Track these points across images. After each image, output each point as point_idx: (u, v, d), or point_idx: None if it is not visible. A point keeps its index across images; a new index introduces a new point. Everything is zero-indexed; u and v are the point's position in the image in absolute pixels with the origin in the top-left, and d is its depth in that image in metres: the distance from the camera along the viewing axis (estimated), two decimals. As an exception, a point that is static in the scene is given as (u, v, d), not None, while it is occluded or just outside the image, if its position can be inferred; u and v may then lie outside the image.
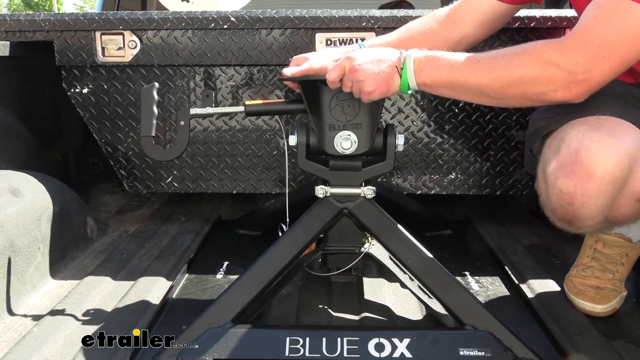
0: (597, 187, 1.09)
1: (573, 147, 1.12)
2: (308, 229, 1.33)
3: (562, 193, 1.13)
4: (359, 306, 1.46)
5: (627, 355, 1.22)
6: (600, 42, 1.05)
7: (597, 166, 1.08)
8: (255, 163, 1.98)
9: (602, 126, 1.13)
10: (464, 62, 1.16)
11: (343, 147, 1.27)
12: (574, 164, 1.11)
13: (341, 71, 1.20)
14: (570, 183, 1.11)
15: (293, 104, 1.37)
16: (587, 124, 1.15)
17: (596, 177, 1.09)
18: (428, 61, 1.18)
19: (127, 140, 1.96)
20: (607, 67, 1.07)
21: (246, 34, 1.81)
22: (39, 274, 1.58)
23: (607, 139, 1.10)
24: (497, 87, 1.13)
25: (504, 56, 1.13)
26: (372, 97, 1.21)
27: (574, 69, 1.07)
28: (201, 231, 2.04)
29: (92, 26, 1.80)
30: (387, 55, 1.20)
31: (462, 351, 1.18)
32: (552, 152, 1.18)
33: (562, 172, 1.13)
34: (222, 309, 1.24)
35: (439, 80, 1.17)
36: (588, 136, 1.12)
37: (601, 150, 1.09)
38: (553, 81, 1.09)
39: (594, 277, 1.43)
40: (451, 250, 1.83)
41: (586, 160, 1.09)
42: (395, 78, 1.19)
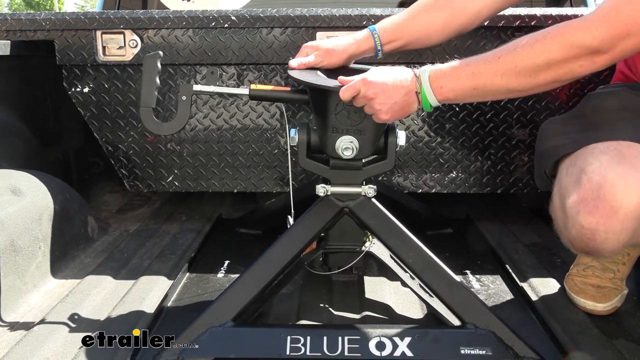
0: (620, 224, 1.06)
1: (595, 182, 1.08)
2: (309, 228, 1.33)
3: (583, 229, 1.10)
4: (360, 305, 1.46)
5: (628, 353, 1.22)
6: (627, 21, 1.03)
7: (622, 203, 1.05)
8: (256, 162, 1.98)
9: (625, 157, 1.09)
10: (484, 64, 1.13)
11: (344, 153, 1.25)
12: (596, 199, 1.07)
13: (355, 93, 1.16)
14: (592, 220, 1.08)
15: (297, 94, 1.34)
16: (609, 153, 1.11)
17: (620, 214, 1.05)
18: (446, 76, 1.14)
19: (128, 140, 1.96)
20: (631, 44, 1.04)
21: (247, 33, 1.81)
22: (39, 273, 1.58)
23: (632, 173, 1.06)
24: (525, 79, 1.10)
25: (524, 46, 1.10)
26: (386, 122, 1.20)
27: (598, 46, 1.05)
28: (202, 230, 2.04)
29: (93, 25, 1.80)
30: (403, 79, 1.16)
31: (463, 350, 1.18)
32: (572, 183, 1.14)
33: (584, 207, 1.09)
34: (223, 308, 1.24)
35: (464, 92, 1.14)
36: (611, 169, 1.08)
37: (626, 187, 1.05)
38: (578, 57, 1.06)
39: (594, 276, 1.43)
40: (452, 248, 1.83)
41: (610, 196, 1.06)
42: (412, 103, 1.17)
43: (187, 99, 1.32)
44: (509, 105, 1.88)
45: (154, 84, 1.31)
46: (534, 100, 1.87)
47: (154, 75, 1.31)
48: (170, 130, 1.38)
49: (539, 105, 1.87)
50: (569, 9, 1.77)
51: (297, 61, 1.30)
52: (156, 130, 1.37)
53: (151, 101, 1.31)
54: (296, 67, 1.29)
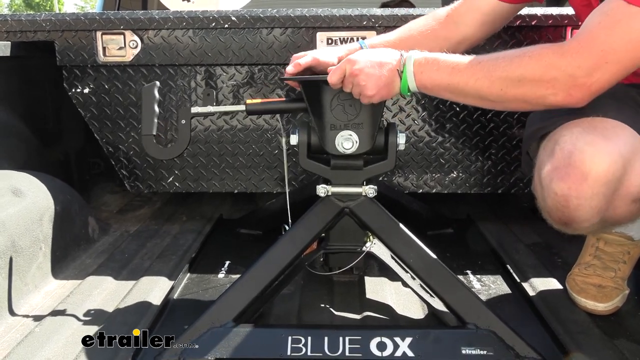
0: (591, 189, 1.09)
1: (567, 150, 1.12)
2: (309, 228, 1.33)
3: (556, 196, 1.13)
4: (361, 305, 1.46)
5: (629, 353, 1.22)
6: (603, 48, 1.05)
7: (591, 168, 1.08)
8: (256, 162, 1.98)
9: (596, 128, 1.13)
10: (465, 64, 1.15)
11: (344, 147, 1.26)
12: (567, 166, 1.11)
13: (342, 74, 1.20)
14: (564, 186, 1.11)
15: (294, 103, 1.36)
16: (581, 126, 1.15)
17: (590, 180, 1.09)
18: (428, 63, 1.17)
19: (128, 140, 1.96)
20: (608, 73, 1.06)
21: (247, 33, 1.81)
22: (40, 273, 1.58)
23: (601, 141, 1.10)
24: (496, 90, 1.13)
25: (504, 58, 1.13)
26: (372, 100, 1.21)
27: (574, 73, 1.06)
28: (202, 231, 2.04)
29: (93, 26, 1.80)
30: (388, 58, 1.19)
31: (464, 350, 1.18)
32: (547, 155, 1.18)
33: (556, 175, 1.13)
34: (223, 309, 1.24)
35: (439, 83, 1.17)
36: (582, 138, 1.11)
37: (594, 153, 1.09)
38: (553, 84, 1.08)
39: (596, 276, 1.43)
40: (453, 249, 1.83)
41: (580, 162, 1.09)
42: (396, 81, 1.19)
43: (187, 122, 1.34)
44: (509, 105, 1.88)
45: (153, 113, 1.34)
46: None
47: (153, 105, 1.34)
48: (172, 154, 1.40)
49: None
50: (569, 9, 1.77)
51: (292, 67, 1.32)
52: (158, 155, 1.40)
53: (152, 129, 1.33)
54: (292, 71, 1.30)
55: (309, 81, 1.28)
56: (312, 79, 1.27)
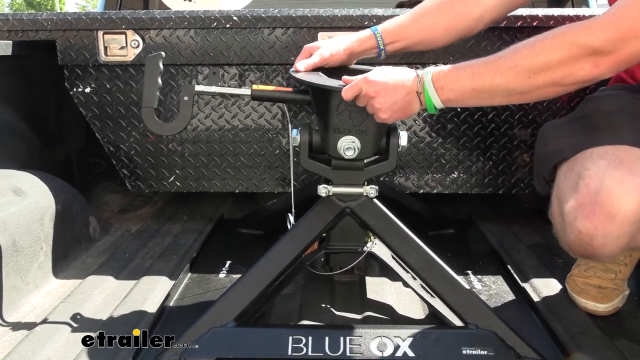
0: (618, 229, 1.06)
1: (593, 187, 1.08)
2: (310, 228, 1.33)
3: (581, 234, 1.10)
4: (362, 305, 1.46)
5: (629, 354, 1.22)
6: (633, 23, 1.02)
7: (619, 208, 1.05)
8: (257, 162, 1.98)
9: (622, 162, 1.09)
10: (485, 65, 1.12)
11: (346, 153, 1.25)
12: (594, 204, 1.07)
13: (357, 92, 1.17)
14: (590, 225, 1.08)
15: (299, 95, 1.34)
16: (607, 158, 1.11)
17: (618, 220, 1.05)
18: (446, 76, 1.14)
19: (129, 140, 1.97)
20: (636, 48, 1.03)
21: (248, 33, 1.81)
22: (41, 273, 1.58)
23: (629, 178, 1.06)
24: (524, 80, 1.09)
25: (524, 46, 1.10)
26: (387, 122, 1.19)
27: (601, 46, 1.03)
28: (204, 230, 2.04)
29: (94, 25, 1.80)
30: (405, 80, 1.16)
31: (465, 350, 1.18)
32: (570, 188, 1.14)
33: (581, 212, 1.09)
34: (224, 308, 1.24)
35: (464, 92, 1.14)
36: (609, 175, 1.07)
37: (623, 192, 1.05)
38: (579, 59, 1.05)
39: (596, 277, 1.43)
40: (454, 249, 1.83)
41: (607, 202, 1.06)
42: (414, 104, 1.17)
43: (189, 100, 1.32)
44: (510, 106, 1.88)
45: (155, 85, 1.31)
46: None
47: (155, 76, 1.31)
48: (172, 130, 1.38)
49: (540, 106, 1.87)
50: (571, 10, 1.77)
51: (303, 64, 1.29)
52: (158, 130, 1.37)
53: (153, 101, 1.31)
54: (303, 70, 1.29)
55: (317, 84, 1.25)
56: (326, 88, 1.22)
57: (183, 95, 1.32)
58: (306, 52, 1.35)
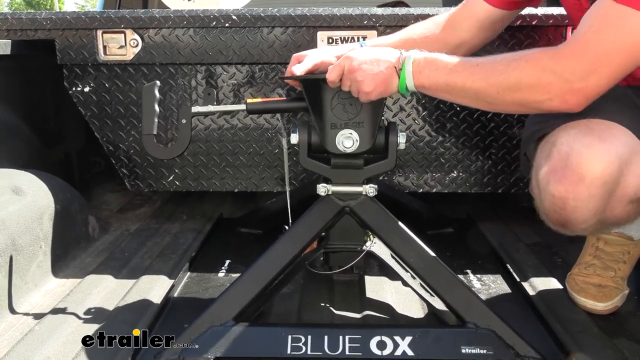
0: (587, 191, 1.10)
1: (564, 152, 1.12)
2: (310, 227, 1.33)
3: (554, 198, 1.14)
4: (361, 304, 1.46)
5: (629, 352, 1.22)
6: (596, 52, 1.04)
7: (588, 170, 1.09)
8: (256, 161, 1.98)
9: (593, 130, 1.13)
10: (462, 65, 1.16)
11: (345, 145, 1.26)
12: (564, 168, 1.11)
13: (340, 71, 1.20)
14: (561, 188, 1.12)
15: (295, 102, 1.37)
16: (578, 127, 1.15)
17: (587, 181, 1.09)
18: (427, 63, 1.17)
19: (128, 139, 1.96)
20: (603, 76, 1.06)
21: (248, 32, 1.81)
22: (40, 272, 1.58)
23: (597, 142, 1.10)
24: (493, 93, 1.13)
25: (501, 61, 1.13)
26: (370, 97, 1.21)
27: (569, 78, 1.06)
28: (203, 230, 2.04)
29: (93, 24, 1.80)
30: (387, 56, 1.20)
31: (464, 349, 1.18)
32: (544, 157, 1.18)
33: (553, 177, 1.13)
34: (224, 307, 1.24)
35: (437, 83, 1.17)
36: (578, 140, 1.12)
37: (591, 155, 1.09)
38: (549, 90, 1.08)
39: (595, 275, 1.43)
40: (453, 248, 1.83)
41: (576, 165, 1.10)
42: (394, 79, 1.19)
43: (187, 122, 1.34)
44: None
45: (154, 112, 1.33)
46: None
47: (153, 104, 1.34)
48: (173, 154, 1.40)
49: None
50: (570, 9, 1.77)
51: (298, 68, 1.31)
52: (159, 155, 1.40)
53: (152, 128, 1.33)
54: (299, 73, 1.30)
55: (309, 80, 1.28)
56: (311, 78, 1.27)
57: (181, 118, 1.34)
58: (295, 60, 1.38)
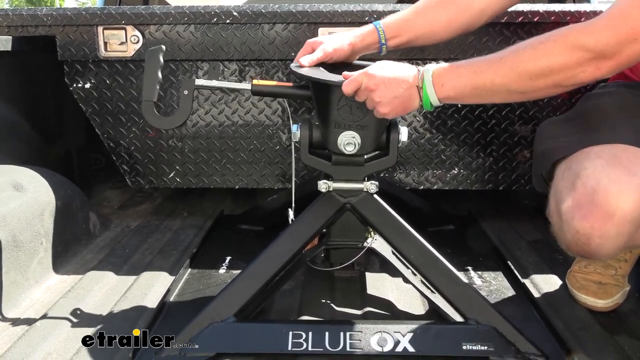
0: (616, 229, 1.05)
1: (590, 186, 1.07)
2: (311, 224, 1.33)
3: (578, 234, 1.09)
4: (362, 301, 1.46)
5: (629, 349, 1.22)
6: (634, 25, 1.01)
7: (616, 208, 1.04)
8: (257, 158, 1.97)
9: (620, 161, 1.08)
10: (486, 64, 1.12)
11: (346, 148, 1.25)
12: (591, 204, 1.06)
13: (357, 86, 1.16)
14: (587, 225, 1.07)
15: (300, 90, 1.33)
16: (604, 157, 1.10)
17: (615, 220, 1.04)
18: (447, 73, 1.14)
19: (129, 135, 1.96)
20: (636, 50, 1.03)
21: (249, 29, 1.80)
22: (41, 268, 1.58)
23: (626, 177, 1.05)
24: (525, 82, 1.09)
25: (526, 48, 1.09)
26: (386, 117, 1.18)
27: (603, 50, 1.03)
28: (203, 226, 2.04)
29: (94, 21, 1.80)
30: (405, 74, 1.15)
31: (465, 346, 1.18)
32: (567, 188, 1.13)
33: (578, 212, 1.08)
34: (224, 304, 1.24)
35: (463, 90, 1.13)
36: (605, 174, 1.06)
37: (620, 192, 1.04)
38: (581, 63, 1.05)
39: (596, 273, 1.43)
40: (454, 245, 1.83)
41: (604, 201, 1.05)
42: (414, 99, 1.16)
43: (189, 94, 1.32)
44: (511, 102, 1.87)
45: (155, 78, 1.31)
46: (536, 96, 1.86)
47: (155, 69, 1.31)
48: (172, 124, 1.38)
49: (541, 102, 1.87)
50: (572, 5, 1.77)
51: (307, 59, 1.29)
52: (157, 124, 1.37)
53: (153, 95, 1.31)
54: (307, 65, 1.29)
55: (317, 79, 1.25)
56: (326, 82, 1.22)
57: (183, 89, 1.32)
58: (308, 47, 1.35)
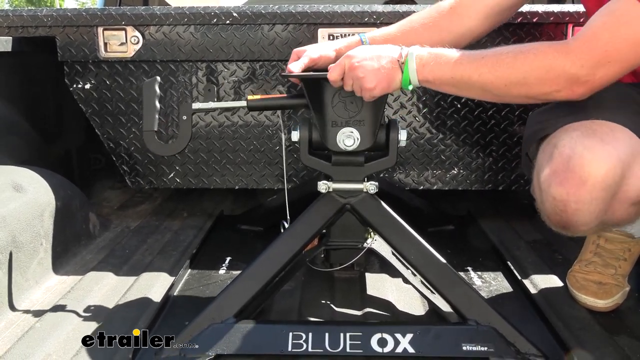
0: (589, 194, 1.09)
1: (565, 155, 1.11)
2: (311, 224, 1.33)
3: (555, 200, 1.13)
4: (362, 301, 1.46)
5: (629, 349, 1.22)
6: (607, 48, 1.06)
7: (589, 173, 1.08)
8: (257, 158, 1.98)
9: (595, 132, 1.12)
10: (468, 59, 1.15)
11: (346, 144, 1.26)
12: (566, 171, 1.10)
13: (342, 70, 1.19)
14: (563, 191, 1.11)
15: (295, 99, 1.36)
16: (580, 129, 1.14)
17: (588, 185, 1.08)
18: (431, 57, 1.17)
19: (129, 136, 1.96)
20: (611, 72, 1.07)
21: (248, 30, 1.81)
22: (41, 269, 1.58)
23: (599, 145, 1.09)
24: (500, 86, 1.13)
25: (508, 54, 1.13)
26: (373, 94, 1.20)
27: (577, 72, 1.07)
28: (203, 227, 2.04)
29: (94, 21, 1.80)
30: (388, 52, 1.19)
31: (465, 346, 1.18)
32: (546, 159, 1.17)
33: (554, 179, 1.12)
34: (224, 305, 1.24)
35: (442, 77, 1.17)
36: (580, 143, 1.11)
37: (593, 158, 1.08)
38: (557, 82, 1.09)
39: (596, 273, 1.43)
40: (454, 245, 1.83)
41: (578, 167, 1.09)
42: (397, 74, 1.18)
43: (188, 118, 1.35)
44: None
45: (154, 108, 1.33)
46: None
47: (154, 100, 1.34)
48: (174, 150, 1.40)
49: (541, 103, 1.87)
50: (571, 6, 1.77)
51: (296, 66, 1.31)
52: (160, 152, 1.39)
53: (153, 125, 1.33)
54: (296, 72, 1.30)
55: (309, 79, 1.28)
56: (312, 77, 1.26)
57: (181, 114, 1.34)
58: (295, 55, 1.37)
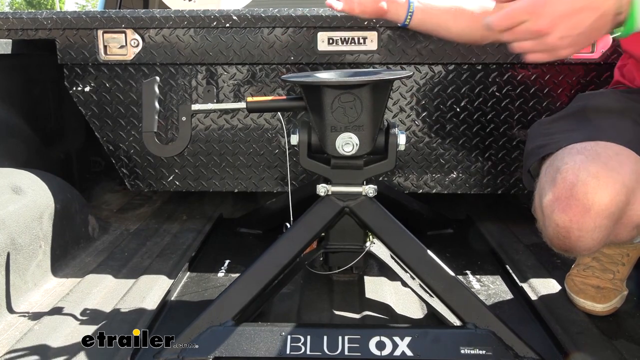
0: (593, 221, 1.07)
1: (569, 181, 1.09)
2: (309, 228, 1.33)
3: (558, 227, 1.11)
4: (360, 305, 1.46)
5: (627, 354, 1.22)
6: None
7: (594, 201, 1.05)
8: (256, 162, 1.98)
9: (599, 156, 1.09)
10: None
11: (344, 149, 1.26)
12: (569, 198, 1.08)
13: (514, 22, 0.95)
14: (566, 218, 1.08)
15: (294, 101, 1.35)
16: (584, 153, 1.11)
17: (592, 213, 1.06)
18: None
19: (128, 139, 1.97)
20: None
21: (248, 33, 1.81)
22: (40, 271, 1.58)
23: (604, 172, 1.06)
24: None
25: None
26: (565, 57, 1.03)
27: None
28: (203, 230, 2.04)
29: (94, 24, 1.81)
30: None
31: (463, 350, 1.18)
32: (548, 182, 1.15)
33: (558, 206, 1.10)
34: (223, 307, 1.24)
35: None
36: (584, 169, 1.08)
37: (597, 185, 1.05)
38: None
39: (594, 277, 1.43)
40: (452, 249, 1.83)
41: (582, 195, 1.06)
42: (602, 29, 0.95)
43: (187, 120, 1.34)
44: (509, 106, 1.88)
45: (154, 109, 1.33)
46: (535, 101, 1.87)
47: (153, 101, 1.33)
48: (173, 152, 1.39)
49: (539, 106, 1.87)
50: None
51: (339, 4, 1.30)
52: (159, 153, 1.39)
53: (153, 126, 1.33)
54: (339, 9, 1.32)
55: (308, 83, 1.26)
56: (313, 83, 1.25)
57: (180, 116, 1.33)
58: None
